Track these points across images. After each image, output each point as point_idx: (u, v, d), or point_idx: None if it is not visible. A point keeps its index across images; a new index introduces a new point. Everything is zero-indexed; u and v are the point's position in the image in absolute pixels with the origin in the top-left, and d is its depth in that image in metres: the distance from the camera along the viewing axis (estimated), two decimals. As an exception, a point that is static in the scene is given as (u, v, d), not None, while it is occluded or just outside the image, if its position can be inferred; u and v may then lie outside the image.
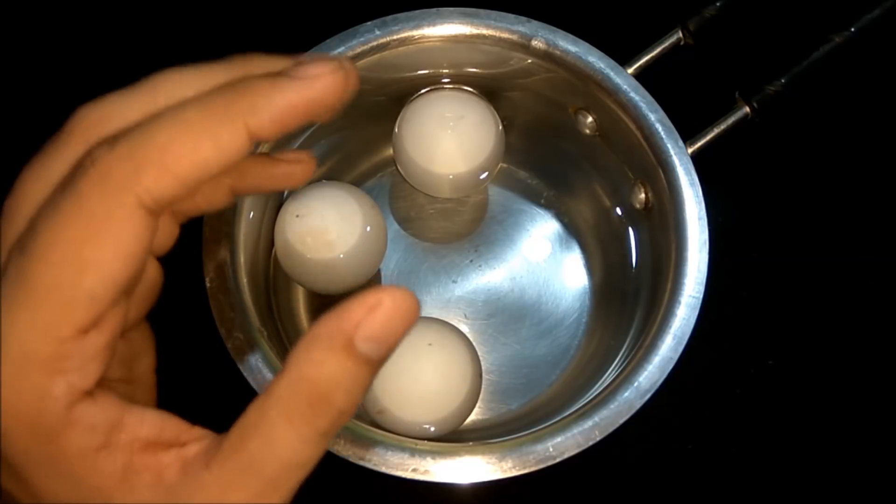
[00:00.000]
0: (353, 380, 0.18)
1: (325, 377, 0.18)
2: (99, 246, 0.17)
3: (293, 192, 0.38)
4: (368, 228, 0.37)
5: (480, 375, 0.36)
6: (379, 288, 0.19)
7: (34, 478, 0.18)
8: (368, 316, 0.18)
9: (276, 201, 0.38)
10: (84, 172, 0.17)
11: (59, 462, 0.18)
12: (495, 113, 0.39)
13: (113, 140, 0.18)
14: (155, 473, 0.18)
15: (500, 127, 0.39)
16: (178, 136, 0.18)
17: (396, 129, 0.39)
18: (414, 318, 0.19)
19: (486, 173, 0.40)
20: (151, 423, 0.19)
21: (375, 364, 0.19)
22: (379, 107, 0.40)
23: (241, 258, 0.35)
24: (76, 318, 0.17)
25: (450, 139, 0.38)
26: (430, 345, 0.35)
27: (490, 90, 0.40)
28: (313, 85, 0.19)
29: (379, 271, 0.41)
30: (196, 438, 0.19)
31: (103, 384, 0.19)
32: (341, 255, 0.36)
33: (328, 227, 0.36)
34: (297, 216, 0.36)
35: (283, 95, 0.19)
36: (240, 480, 0.18)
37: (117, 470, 0.18)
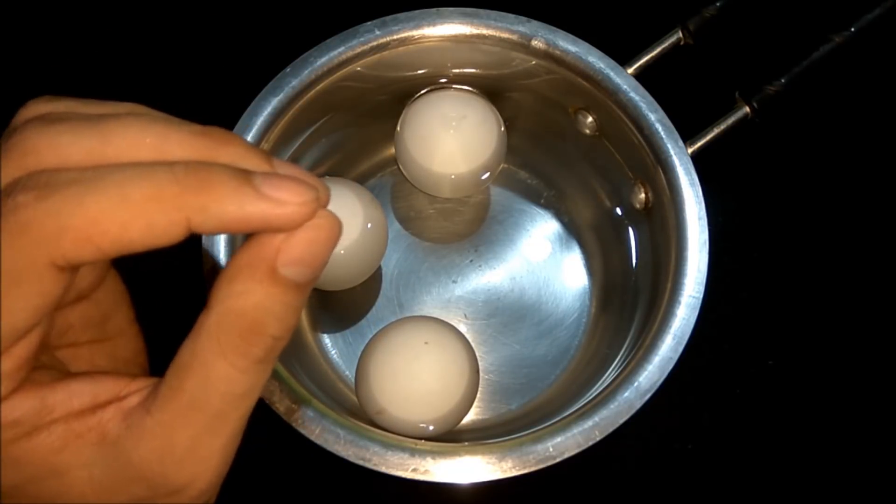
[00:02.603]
0: (283, 306, 0.18)
1: (253, 307, 0.18)
2: (5, 296, 0.17)
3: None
4: (369, 225, 0.37)
5: (478, 372, 0.36)
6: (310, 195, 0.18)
7: None
8: (288, 240, 0.18)
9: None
10: (4, 218, 0.16)
11: None
12: (497, 113, 0.39)
13: (44, 186, 0.17)
14: (97, 432, 0.18)
15: (503, 128, 0.39)
16: (111, 211, 0.16)
17: (398, 129, 0.39)
18: (336, 238, 0.19)
19: (487, 173, 0.40)
20: (82, 391, 0.19)
21: (303, 287, 0.18)
22: (381, 106, 0.40)
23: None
24: None
25: (452, 139, 0.38)
26: (426, 343, 0.35)
27: (492, 91, 0.40)
28: (276, 210, 0.17)
29: (380, 268, 0.41)
30: (136, 390, 0.19)
31: (37, 366, 0.19)
32: (342, 252, 0.36)
33: None
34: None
35: (240, 208, 0.17)
36: (184, 419, 0.18)
37: (55, 442, 0.18)
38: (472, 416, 0.39)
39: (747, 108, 0.36)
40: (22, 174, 0.17)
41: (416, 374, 0.34)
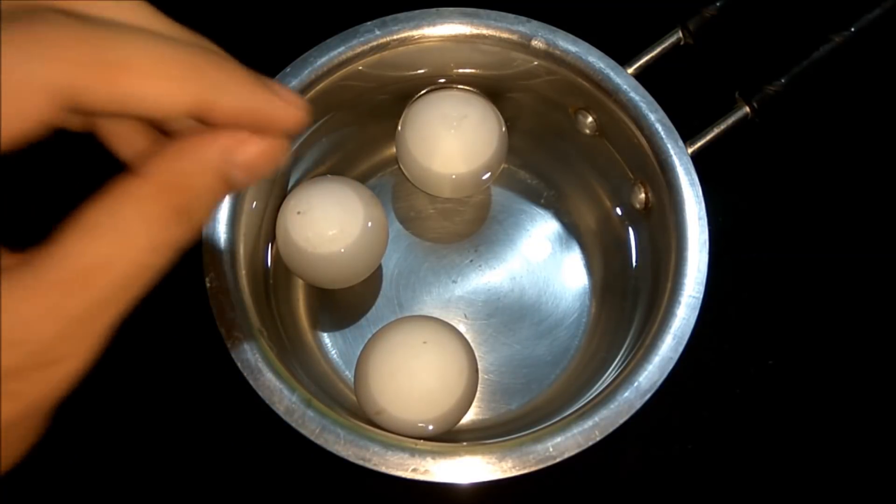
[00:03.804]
0: (214, 199, 0.18)
1: (194, 189, 0.17)
2: None
3: (295, 188, 0.38)
4: (370, 224, 0.37)
5: (477, 371, 0.36)
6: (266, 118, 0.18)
7: None
8: (246, 143, 0.18)
9: (277, 198, 0.38)
10: (30, 22, 0.16)
11: None
12: (499, 114, 0.39)
13: (76, 15, 0.16)
14: None
15: (504, 128, 0.39)
16: (139, 62, 0.16)
17: (399, 128, 0.39)
18: (277, 162, 0.19)
19: (488, 174, 0.40)
20: None
21: (232, 190, 0.19)
22: (382, 105, 0.40)
23: (242, 257, 0.35)
24: None
25: (452, 139, 0.38)
26: (424, 343, 0.35)
27: (493, 91, 0.40)
28: (280, 107, 0.18)
29: (380, 267, 0.41)
30: (16, 254, 0.17)
31: None
32: (343, 250, 0.36)
33: (330, 222, 0.36)
34: (299, 213, 0.36)
35: (252, 94, 0.18)
36: (83, 283, 0.16)
37: None
38: (471, 416, 0.39)
39: (747, 108, 0.36)
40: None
41: (414, 374, 0.34)
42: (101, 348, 0.17)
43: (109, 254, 0.16)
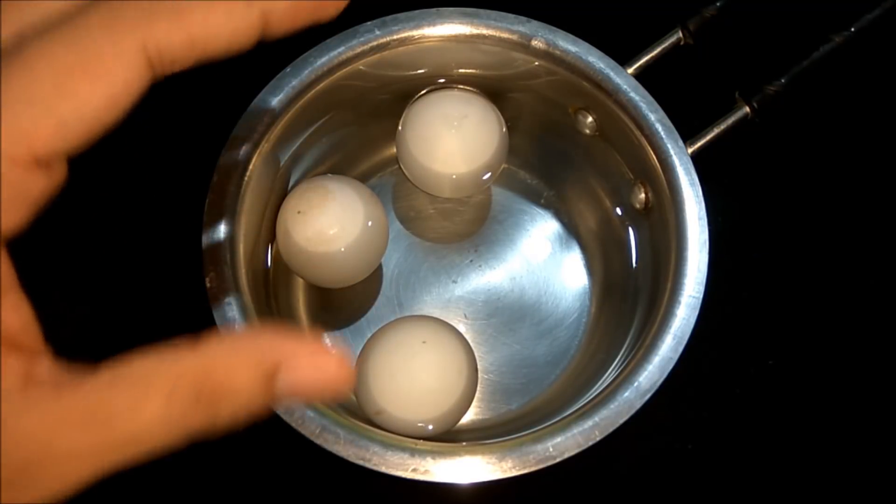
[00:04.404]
0: (246, 404, 0.17)
1: (228, 386, 0.17)
2: (89, 78, 0.16)
3: (295, 188, 0.38)
4: (370, 223, 0.37)
5: (476, 371, 0.36)
6: (329, 346, 0.18)
7: None
8: (306, 362, 0.17)
9: (278, 197, 0.38)
10: (95, 3, 0.16)
11: None
12: (499, 114, 0.39)
13: None
14: None
15: (505, 128, 0.39)
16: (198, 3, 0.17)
17: (400, 128, 0.39)
18: (338, 392, 0.18)
19: (489, 174, 0.40)
20: (22, 313, 0.17)
21: (270, 402, 0.18)
22: (382, 105, 0.40)
23: (241, 257, 0.35)
24: (38, 140, 0.16)
25: (453, 139, 0.38)
26: (424, 342, 0.35)
27: (493, 91, 0.40)
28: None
29: (380, 267, 0.41)
30: (48, 353, 0.17)
31: None
32: (343, 249, 0.36)
33: (330, 221, 0.36)
34: (299, 212, 0.36)
35: None
36: (84, 422, 0.16)
37: None
38: (471, 416, 0.39)
39: (747, 108, 0.36)
40: None
41: (413, 374, 0.34)
42: (73, 492, 0.17)
43: (123, 409, 0.16)
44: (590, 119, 0.40)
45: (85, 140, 0.17)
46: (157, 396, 0.16)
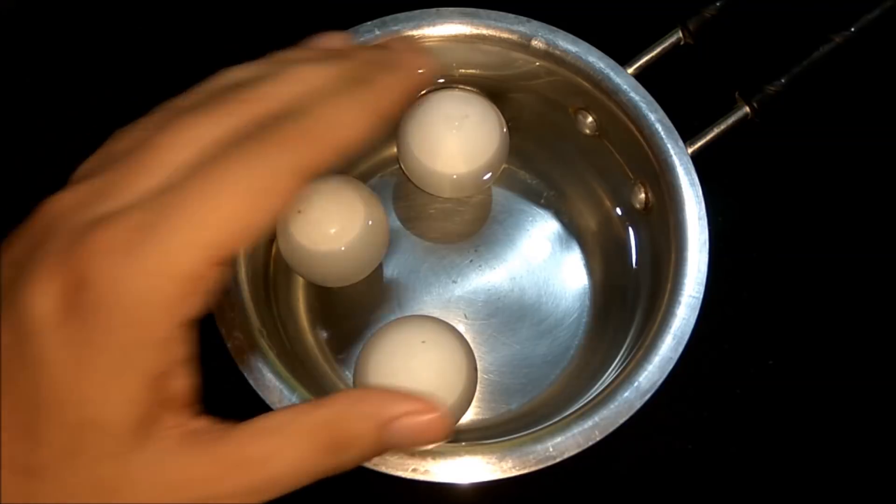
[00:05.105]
0: (365, 452, 0.21)
1: (351, 436, 0.20)
2: (271, 199, 0.19)
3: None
4: (370, 222, 0.37)
5: (476, 370, 0.36)
6: (437, 405, 0.21)
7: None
8: (416, 418, 0.21)
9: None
10: (264, 133, 0.19)
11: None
12: (500, 114, 0.39)
13: (296, 116, 0.20)
14: (162, 430, 0.19)
15: (505, 129, 0.39)
16: (344, 130, 0.20)
17: (400, 128, 0.39)
18: (438, 439, 0.22)
19: (489, 174, 0.40)
20: (193, 380, 0.20)
21: (382, 450, 0.21)
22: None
23: (241, 257, 0.35)
24: (232, 246, 0.19)
25: (454, 139, 0.38)
26: (423, 342, 0.35)
27: (494, 91, 0.40)
28: (408, 61, 0.23)
29: (380, 267, 0.41)
30: (197, 413, 0.20)
31: None
32: (343, 248, 0.36)
33: (331, 220, 0.36)
34: (300, 211, 0.36)
35: (397, 76, 0.22)
36: (235, 470, 0.19)
37: (141, 413, 0.19)
38: (472, 416, 0.39)
39: (747, 108, 0.36)
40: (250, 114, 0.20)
41: (413, 374, 0.34)
42: None
43: (270, 455, 0.19)
44: (590, 119, 0.40)
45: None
46: (301, 443, 0.20)
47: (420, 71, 0.23)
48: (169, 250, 0.18)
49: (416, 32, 0.37)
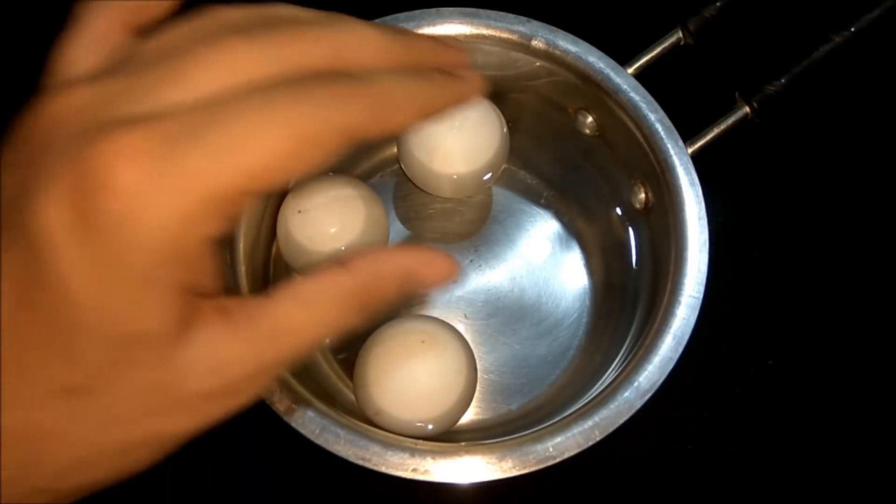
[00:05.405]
0: (389, 300, 0.21)
1: (380, 292, 0.21)
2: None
3: (295, 187, 0.38)
4: (370, 222, 0.37)
5: (475, 370, 0.36)
6: (436, 253, 0.22)
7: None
8: (429, 265, 0.21)
9: (278, 197, 0.38)
10: (325, 81, 0.18)
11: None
12: (500, 114, 0.39)
13: (355, 76, 0.19)
14: (199, 317, 0.19)
15: (505, 129, 0.39)
16: (396, 109, 0.20)
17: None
18: (450, 281, 0.23)
19: (490, 174, 0.40)
20: (219, 275, 0.20)
21: (403, 298, 0.23)
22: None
23: (241, 257, 0.35)
24: (263, 180, 0.18)
25: (454, 139, 0.38)
26: (422, 342, 0.35)
27: (495, 91, 0.40)
28: (468, 86, 0.23)
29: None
30: (227, 294, 0.20)
31: None
32: (343, 248, 0.36)
33: (331, 220, 0.36)
34: (300, 211, 0.36)
35: (449, 87, 0.22)
36: (278, 339, 0.19)
37: (185, 314, 0.18)
38: (472, 416, 0.39)
39: (747, 108, 0.36)
40: (304, 55, 0.19)
41: (412, 374, 0.34)
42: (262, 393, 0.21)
43: (305, 324, 0.20)
44: (590, 119, 0.40)
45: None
46: (332, 312, 0.20)
47: (474, 92, 0.23)
48: (202, 168, 0.16)
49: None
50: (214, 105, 0.17)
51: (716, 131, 0.36)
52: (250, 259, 0.36)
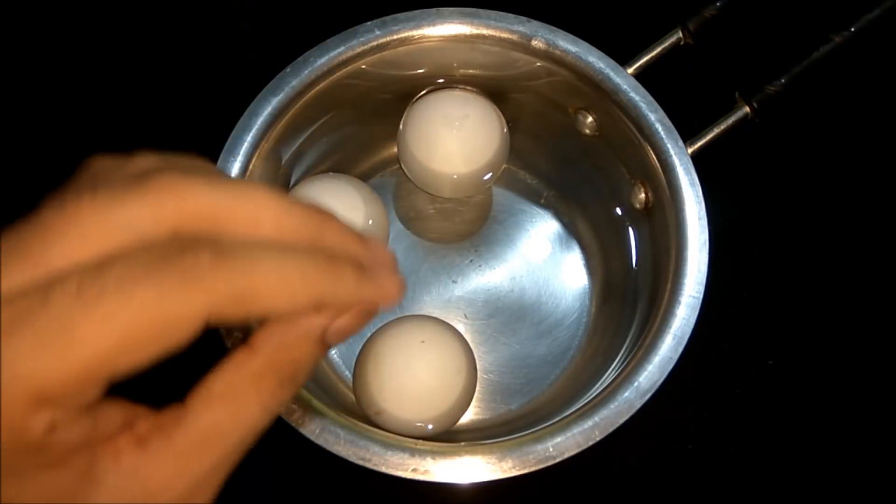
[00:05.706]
0: (314, 362, 0.20)
1: (297, 360, 0.20)
2: (150, 342, 0.17)
3: (296, 186, 0.38)
4: (370, 221, 0.37)
5: (475, 370, 0.36)
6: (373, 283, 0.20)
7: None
8: (342, 315, 0.20)
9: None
10: (182, 255, 0.17)
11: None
12: (500, 114, 0.39)
13: (218, 251, 0.17)
14: (113, 456, 0.18)
15: (506, 129, 0.39)
16: (271, 286, 0.18)
17: (401, 128, 0.39)
18: (370, 320, 0.21)
19: (490, 174, 0.40)
20: (114, 415, 0.19)
21: (328, 350, 0.21)
22: (383, 104, 0.40)
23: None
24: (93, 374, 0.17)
25: (454, 139, 0.38)
26: (422, 342, 0.35)
27: (495, 92, 0.40)
28: (383, 296, 0.21)
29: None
30: (142, 416, 0.19)
31: None
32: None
33: None
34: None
35: (359, 295, 0.20)
36: (203, 448, 0.19)
37: (84, 465, 0.18)
38: (472, 416, 0.39)
39: (747, 108, 0.36)
40: (169, 215, 0.17)
41: (412, 374, 0.34)
42: (214, 499, 0.20)
43: (228, 421, 0.19)
44: (590, 119, 0.40)
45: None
46: (253, 396, 0.19)
47: (387, 298, 0.21)
48: (26, 362, 0.16)
49: (416, 32, 0.37)
50: (49, 288, 0.16)
51: (716, 131, 0.36)
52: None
